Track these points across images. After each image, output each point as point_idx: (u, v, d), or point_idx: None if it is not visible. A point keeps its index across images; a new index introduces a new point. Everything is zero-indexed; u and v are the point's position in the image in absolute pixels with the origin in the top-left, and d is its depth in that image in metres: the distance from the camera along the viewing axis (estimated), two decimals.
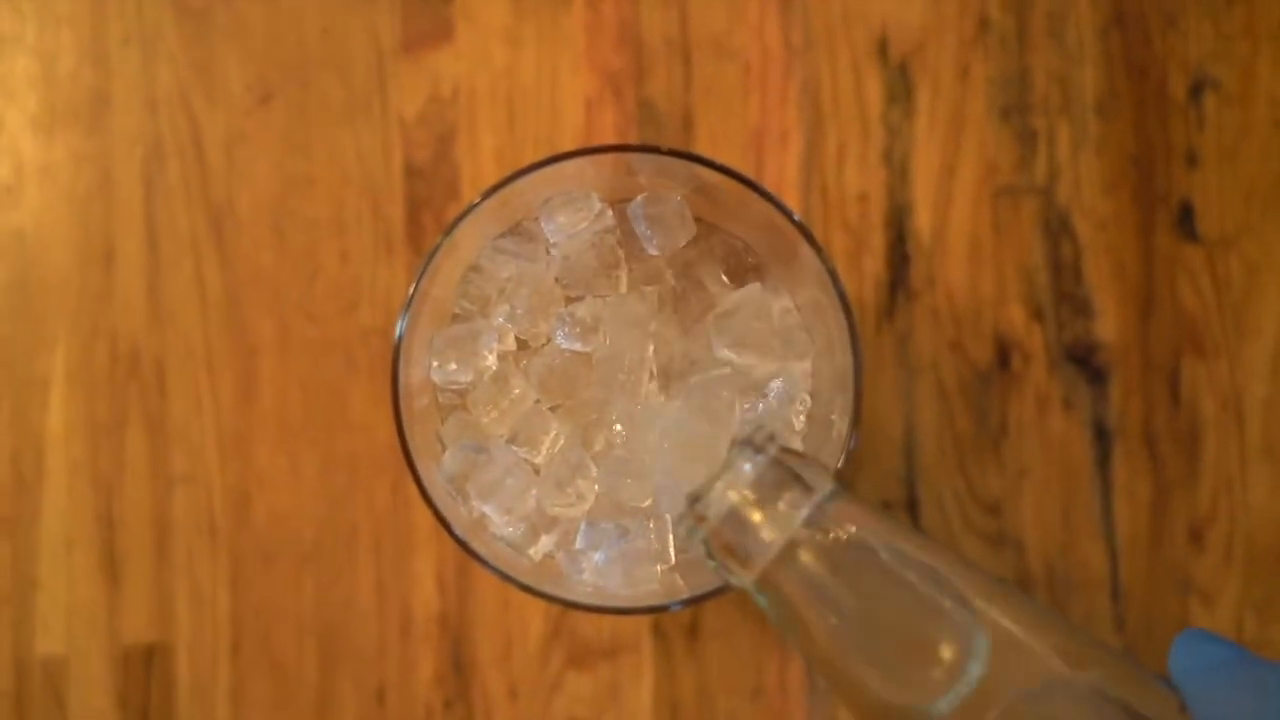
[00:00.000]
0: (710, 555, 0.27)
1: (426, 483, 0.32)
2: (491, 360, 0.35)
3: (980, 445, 0.43)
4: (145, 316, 0.45)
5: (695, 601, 0.32)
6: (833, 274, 0.32)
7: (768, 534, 0.26)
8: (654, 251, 0.35)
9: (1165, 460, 0.43)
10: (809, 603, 0.25)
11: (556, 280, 0.35)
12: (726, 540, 0.26)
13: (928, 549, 0.25)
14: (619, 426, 0.34)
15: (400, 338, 0.32)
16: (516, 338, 0.35)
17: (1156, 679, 0.24)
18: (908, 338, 0.43)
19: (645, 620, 0.43)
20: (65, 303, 0.45)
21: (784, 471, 0.26)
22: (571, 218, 0.35)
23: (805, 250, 0.33)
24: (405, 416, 0.32)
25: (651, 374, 0.35)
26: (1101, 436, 0.43)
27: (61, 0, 0.46)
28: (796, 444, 0.35)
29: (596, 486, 0.34)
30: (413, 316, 0.33)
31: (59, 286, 0.45)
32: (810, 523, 0.25)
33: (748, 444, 0.27)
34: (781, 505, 0.26)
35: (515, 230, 0.36)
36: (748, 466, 0.26)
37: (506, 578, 0.31)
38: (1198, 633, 0.25)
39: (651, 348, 0.35)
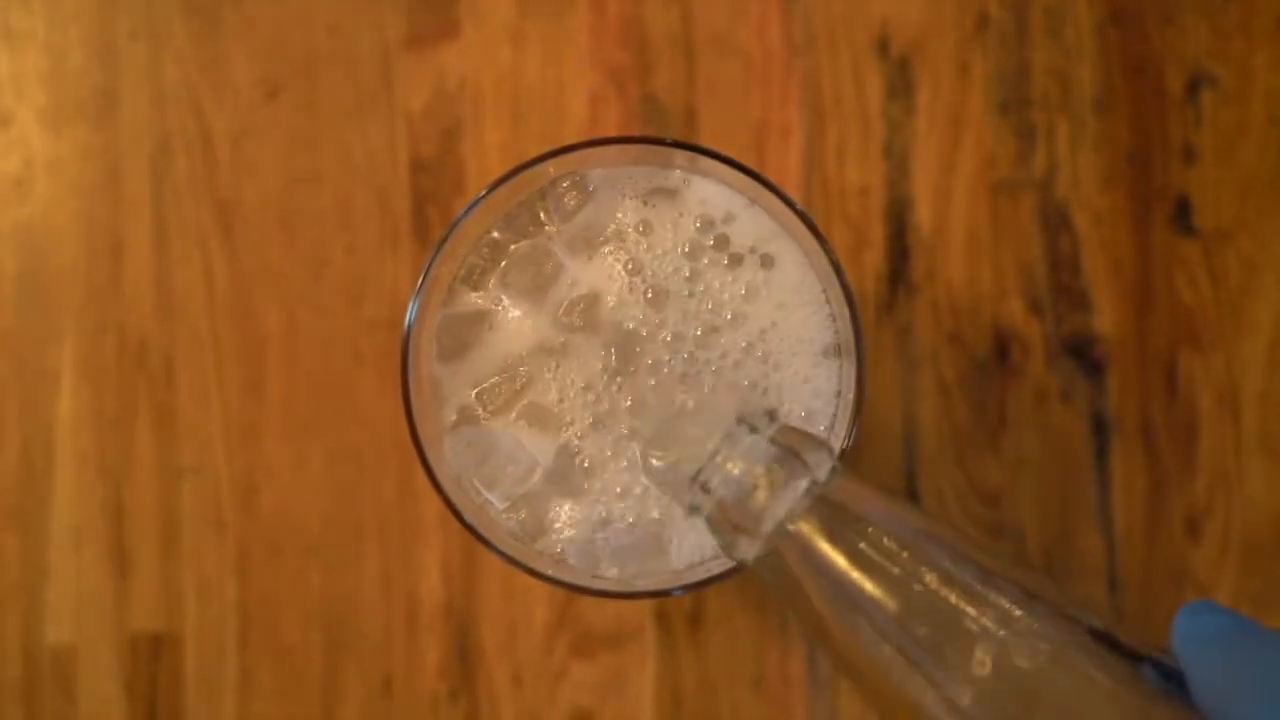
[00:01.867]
0: (713, 530, 0.27)
1: (436, 470, 0.32)
2: (495, 345, 0.35)
3: (979, 437, 0.43)
4: (153, 309, 0.45)
5: (698, 587, 0.32)
6: (837, 266, 0.32)
7: (768, 507, 0.26)
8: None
9: (1162, 452, 0.43)
10: (810, 577, 0.25)
11: (559, 263, 0.35)
12: (728, 514, 0.26)
13: (928, 522, 0.26)
14: (628, 411, 0.34)
15: (410, 326, 0.33)
16: (519, 320, 0.35)
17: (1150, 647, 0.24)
18: (907, 330, 0.44)
19: (648, 609, 0.43)
20: (74, 295, 0.46)
21: (784, 446, 0.27)
22: (574, 198, 0.35)
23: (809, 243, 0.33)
24: (415, 403, 0.32)
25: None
26: (1099, 429, 0.43)
27: None
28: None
29: (605, 476, 0.35)
30: (421, 307, 0.33)
31: (68, 279, 0.46)
32: (809, 496, 0.26)
33: (747, 419, 0.27)
34: (781, 479, 0.26)
35: (516, 213, 0.36)
36: (748, 441, 0.27)
37: (514, 562, 0.32)
38: (1202, 604, 0.24)
39: (667, 333, 0.35)
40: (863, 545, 0.25)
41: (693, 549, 0.35)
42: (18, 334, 0.46)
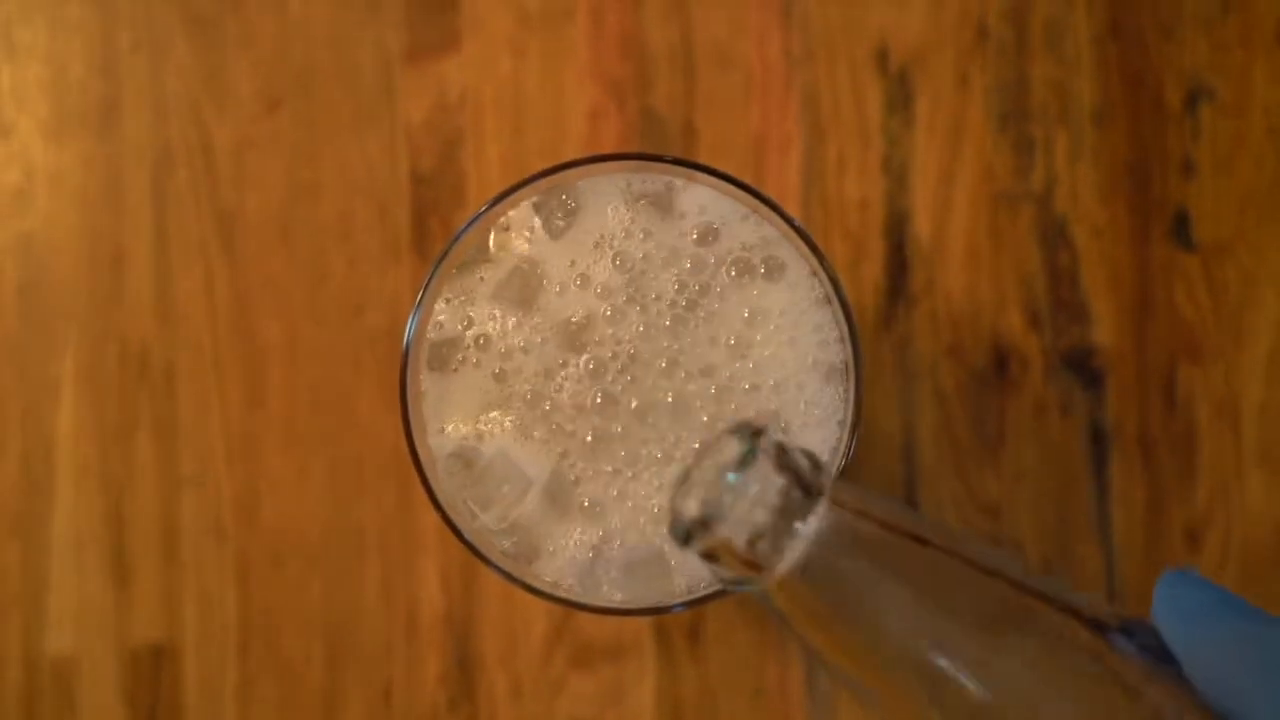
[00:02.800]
0: (698, 549, 0.25)
1: (435, 486, 0.32)
2: (488, 362, 0.35)
3: (978, 449, 0.43)
4: (154, 320, 0.45)
5: (697, 603, 0.32)
6: (835, 281, 0.33)
7: (753, 520, 0.25)
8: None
9: (1161, 464, 0.43)
10: (807, 593, 0.25)
11: (552, 276, 0.35)
12: (710, 529, 0.25)
13: (927, 529, 0.25)
14: (623, 429, 0.34)
15: (409, 342, 0.33)
16: (514, 335, 0.35)
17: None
18: (907, 343, 0.44)
19: (647, 622, 0.43)
20: (75, 306, 0.46)
21: (771, 458, 0.25)
22: (568, 208, 0.35)
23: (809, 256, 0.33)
24: (414, 421, 0.32)
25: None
26: (1098, 440, 0.43)
27: (72, 8, 0.47)
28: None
29: (602, 498, 0.34)
30: (420, 322, 0.33)
31: (69, 290, 0.46)
32: (800, 509, 0.25)
33: (733, 432, 0.26)
34: (769, 491, 0.25)
35: (511, 224, 0.35)
36: (734, 453, 0.25)
37: (515, 580, 0.32)
38: (1182, 575, 0.23)
39: (665, 345, 0.34)
40: (860, 556, 0.25)
41: (697, 570, 0.34)
42: (19, 344, 0.46)
